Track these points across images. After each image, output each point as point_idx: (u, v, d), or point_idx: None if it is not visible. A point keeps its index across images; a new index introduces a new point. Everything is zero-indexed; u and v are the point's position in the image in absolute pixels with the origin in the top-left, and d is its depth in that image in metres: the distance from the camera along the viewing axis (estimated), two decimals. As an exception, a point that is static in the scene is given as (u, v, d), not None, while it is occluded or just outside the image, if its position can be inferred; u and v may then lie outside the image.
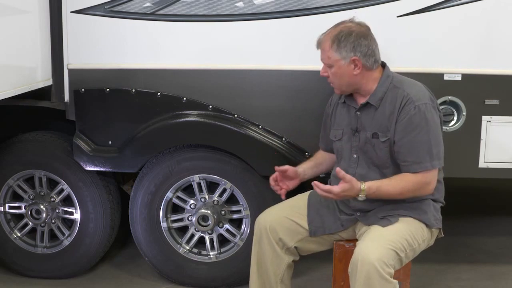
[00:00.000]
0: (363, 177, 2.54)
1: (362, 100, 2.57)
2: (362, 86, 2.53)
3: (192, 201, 3.26)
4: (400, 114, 2.46)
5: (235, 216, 3.26)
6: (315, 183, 2.43)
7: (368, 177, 2.54)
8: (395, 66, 2.63)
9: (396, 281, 2.31)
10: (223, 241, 3.33)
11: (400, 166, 2.50)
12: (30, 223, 3.42)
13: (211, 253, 3.31)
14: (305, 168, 2.78)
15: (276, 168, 2.68)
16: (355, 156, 2.59)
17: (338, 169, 2.46)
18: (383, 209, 2.52)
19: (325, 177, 2.95)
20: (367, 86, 2.53)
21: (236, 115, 3.09)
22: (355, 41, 2.47)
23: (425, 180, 2.46)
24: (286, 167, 2.68)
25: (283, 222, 2.63)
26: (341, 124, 2.65)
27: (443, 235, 2.66)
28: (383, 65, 2.58)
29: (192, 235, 3.31)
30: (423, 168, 2.44)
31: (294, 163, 3.01)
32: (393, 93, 2.51)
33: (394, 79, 2.55)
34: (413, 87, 2.52)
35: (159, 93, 3.09)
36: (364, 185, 2.41)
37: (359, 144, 2.57)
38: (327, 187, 2.41)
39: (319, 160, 2.85)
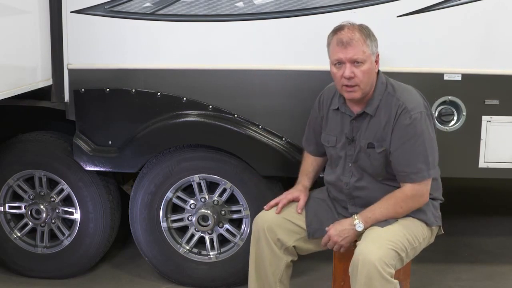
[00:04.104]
0: (357, 185, 2.55)
1: (357, 109, 2.52)
2: (371, 90, 2.48)
3: (192, 201, 3.26)
4: (396, 124, 2.44)
5: (235, 216, 3.26)
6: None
7: (362, 185, 2.55)
8: (395, 66, 2.64)
9: (396, 281, 2.32)
10: (223, 241, 3.33)
11: (397, 176, 2.49)
12: (30, 223, 3.42)
13: (211, 253, 3.31)
14: (310, 185, 2.77)
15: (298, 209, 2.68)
16: (350, 165, 2.57)
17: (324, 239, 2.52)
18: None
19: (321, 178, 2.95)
20: (370, 91, 2.49)
21: (236, 115, 3.08)
22: (375, 37, 2.45)
23: (415, 193, 2.45)
24: (296, 197, 2.69)
25: (281, 222, 2.63)
26: (334, 130, 2.62)
27: (443, 232, 2.66)
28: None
29: (192, 235, 3.31)
30: (421, 178, 2.43)
31: (294, 163, 3.01)
32: (388, 101, 2.47)
33: (388, 86, 2.51)
34: (407, 95, 2.49)
35: (159, 93, 3.09)
36: (354, 216, 2.46)
37: (354, 153, 2.55)
38: (325, 237, 2.50)
39: (316, 170, 2.81)
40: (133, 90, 3.10)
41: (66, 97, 3.15)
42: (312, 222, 2.64)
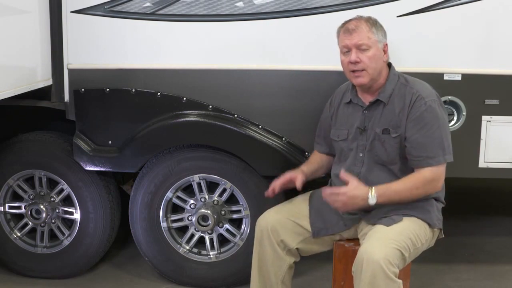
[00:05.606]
0: (368, 175, 2.55)
1: (370, 98, 2.57)
2: (380, 78, 2.54)
3: (192, 201, 3.26)
4: (411, 110, 2.49)
5: (235, 216, 3.26)
6: (324, 191, 2.47)
7: (374, 175, 2.55)
8: (395, 66, 2.64)
9: (400, 281, 2.31)
10: (223, 241, 3.33)
11: (412, 162, 2.50)
12: (30, 223, 3.42)
13: (211, 253, 3.31)
14: (308, 172, 2.74)
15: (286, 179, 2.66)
16: (361, 155, 2.59)
17: (342, 172, 2.47)
18: (386, 208, 2.51)
19: (325, 176, 2.95)
20: (380, 80, 2.55)
21: (236, 115, 3.08)
22: (383, 28, 2.54)
23: (434, 176, 2.47)
24: (294, 176, 2.66)
25: (285, 223, 2.63)
26: (346, 124, 2.65)
27: (443, 236, 2.66)
28: (389, 64, 2.61)
29: (192, 235, 3.31)
30: (437, 162, 2.47)
31: (294, 163, 3.01)
32: (401, 90, 2.54)
33: (400, 78, 2.58)
34: (420, 85, 2.57)
35: (159, 93, 3.09)
36: (372, 187, 2.44)
37: (366, 142, 2.57)
38: (334, 189, 2.45)
39: (319, 164, 2.82)
40: (133, 90, 3.10)
41: (66, 97, 3.15)
42: (316, 221, 2.65)
